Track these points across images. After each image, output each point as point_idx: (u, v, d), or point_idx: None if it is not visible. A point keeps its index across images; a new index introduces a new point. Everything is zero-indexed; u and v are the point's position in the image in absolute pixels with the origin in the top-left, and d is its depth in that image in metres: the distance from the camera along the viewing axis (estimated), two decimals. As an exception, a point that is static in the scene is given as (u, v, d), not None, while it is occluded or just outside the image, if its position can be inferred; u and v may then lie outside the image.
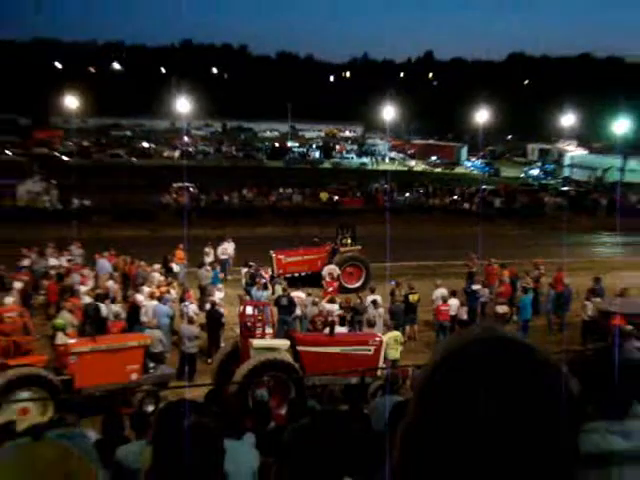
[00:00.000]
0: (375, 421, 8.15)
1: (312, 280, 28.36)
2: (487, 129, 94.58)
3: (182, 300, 22.95)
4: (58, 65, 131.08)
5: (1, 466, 2.00)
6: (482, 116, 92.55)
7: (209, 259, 29.60)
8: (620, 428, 2.86)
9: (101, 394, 15.31)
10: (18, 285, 24.41)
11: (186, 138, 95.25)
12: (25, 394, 15.71)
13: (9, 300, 21.51)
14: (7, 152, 74.34)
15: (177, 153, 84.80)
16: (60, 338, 18.13)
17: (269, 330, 18.62)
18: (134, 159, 77.90)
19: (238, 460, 4.54)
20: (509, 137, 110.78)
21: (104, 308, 21.62)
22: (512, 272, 27.43)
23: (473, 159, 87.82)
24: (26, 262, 27.63)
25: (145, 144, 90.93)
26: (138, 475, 5.19)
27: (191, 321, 20.64)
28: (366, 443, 6.56)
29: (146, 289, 23.77)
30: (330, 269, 28.01)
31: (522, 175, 76.12)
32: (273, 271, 28.66)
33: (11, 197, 45.53)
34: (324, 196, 53.43)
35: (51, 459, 1.99)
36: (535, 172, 76.26)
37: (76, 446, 2.09)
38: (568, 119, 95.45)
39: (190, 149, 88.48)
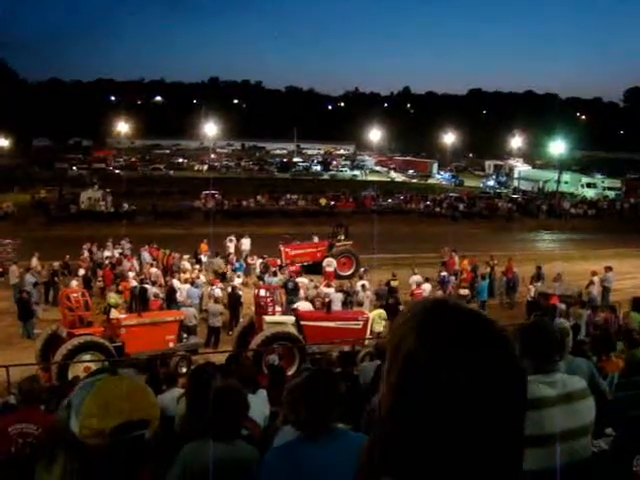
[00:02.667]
0: (363, 380, 8.24)
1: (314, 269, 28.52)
2: (453, 148, 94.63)
3: (211, 284, 23.03)
4: (113, 98, 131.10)
5: (87, 393, 2.04)
6: (449, 138, 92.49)
7: (231, 251, 29.74)
8: (547, 380, 2.95)
9: (145, 358, 15.37)
10: (81, 271, 24.55)
11: (212, 155, 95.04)
12: (87, 357, 15.83)
13: (74, 283, 21.61)
14: (74, 167, 74.37)
15: (205, 167, 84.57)
16: (113, 313, 18.22)
17: (278, 309, 18.68)
18: (171, 172, 77.71)
19: (254, 409, 4.60)
20: (470, 155, 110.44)
21: (148, 290, 21.72)
22: (472, 262, 27.47)
23: (442, 172, 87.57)
24: (86, 254, 27.75)
25: (180, 160, 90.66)
26: (174, 420, 5.28)
27: (217, 301, 20.72)
28: (354, 397, 6.67)
29: (182, 275, 23.93)
30: (328, 262, 28.09)
31: (481, 185, 75.98)
32: (281, 261, 28.73)
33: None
34: (323, 201, 53.33)
35: (125, 389, 2.04)
36: (491, 183, 76.08)
37: (138, 380, 2.14)
38: (516, 141, 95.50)
39: (216, 164, 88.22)
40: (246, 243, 31.16)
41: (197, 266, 26.22)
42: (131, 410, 1.98)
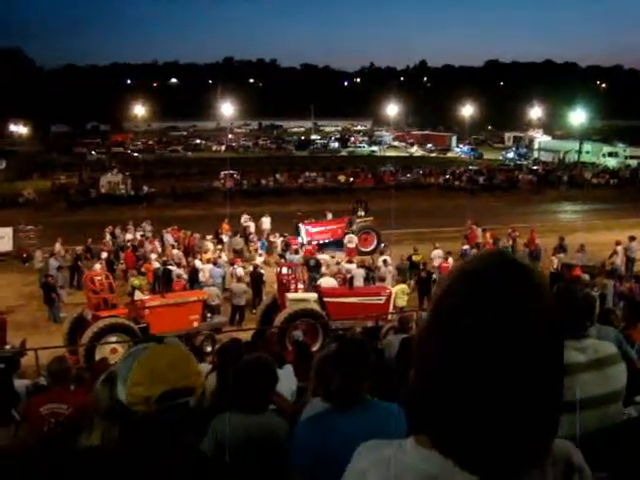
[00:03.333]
0: (388, 354, 8.24)
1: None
2: (472, 121, 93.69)
3: (232, 264, 23.13)
4: (128, 82, 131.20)
5: (134, 362, 2.09)
6: (467, 111, 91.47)
7: (251, 230, 29.83)
8: (578, 345, 2.94)
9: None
10: (104, 254, 24.74)
11: (230, 135, 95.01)
12: (113, 338, 16.02)
13: (97, 266, 21.80)
14: (92, 152, 74.73)
15: (223, 147, 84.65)
16: (137, 295, 18.38)
17: (301, 286, 18.73)
18: (189, 153, 77.84)
19: (281, 383, 4.63)
20: (489, 127, 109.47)
21: (171, 271, 21.87)
22: (494, 235, 27.34)
23: (461, 145, 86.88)
24: (108, 237, 27.93)
25: (197, 141, 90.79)
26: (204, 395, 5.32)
27: (240, 280, 20.83)
28: (381, 370, 6.68)
29: (204, 255, 24.06)
30: (349, 238, 28.07)
31: (500, 157, 75.26)
32: (303, 239, 28.78)
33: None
34: (342, 178, 53.13)
35: (170, 357, 2.08)
36: (511, 155, 75.32)
37: (184, 348, 2.19)
38: (536, 112, 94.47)
39: (233, 144, 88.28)
40: (266, 222, 31.22)
41: (219, 246, 26.38)
42: (176, 378, 2.03)
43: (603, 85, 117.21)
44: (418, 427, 1.12)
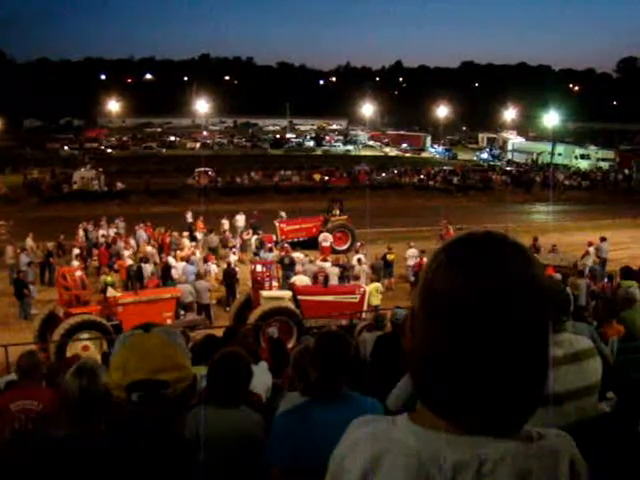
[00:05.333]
0: (363, 351, 8.26)
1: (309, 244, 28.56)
2: (446, 122, 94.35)
3: (205, 261, 23.06)
4: (103, 77, 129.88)
5: (120, 347, 2.08)
6: (442, 111, 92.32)
7: (225, 228, 29.74)
8: (555, 339, 2.96)
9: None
10: (76, 251, 24.50)
11: (205, 132, 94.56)
12: (85, 335, 15.85)
13: (75, 263, 21.66)
14: (66, 147, 73.94)
15: (198, 144, 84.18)
16: (110, 292, 18.23)
17: (275, 284, 18.72)
18: (164, 150, 77.31)
19: (256, 380, 4.60)
20: (464, 128, 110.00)
21: (143, 268, 21.74)
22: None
23: (436, 146, 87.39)
24: (81, 233, 27.68)
25: (172, 138, 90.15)
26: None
27: (200, 277, 20.79)
28: (356, 367, 6.68)
29: (179, 253, 23.95)
30: (324, 237, 28.09)
31: (475, 158, 75.83)
32: (277, 237, 28.78)
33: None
34: (317, 177, 53.14)
35: (151, 347, 2.06)
36: (485, 155, 75.91)
37: (173, 338, 2.17)
38: (510, 113, 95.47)
39: (208, 141, 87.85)
40: (240, 220, 31.19)
41: (193, 243, 26.29)
42: (150, 369, 2.01)
43: (576, 88, 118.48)
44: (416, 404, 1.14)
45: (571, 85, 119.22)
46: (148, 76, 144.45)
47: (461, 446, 1.03)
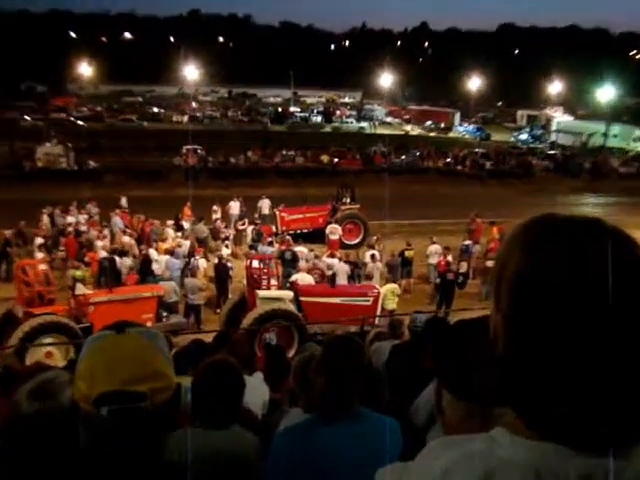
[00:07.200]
0: (376, 362, 8.23)
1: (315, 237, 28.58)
2: (479, 96, 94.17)
3: (192, 254, 23.08)
4: (73, 35, 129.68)
5: (88, 351, 2.04)
6: (474, 83, 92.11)
7: (217, 216, 29.74)
8: None
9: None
10: (38, 240, 24.49)
11: (194, 104, 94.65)
12: (49, 339, 15.87)
13: (38, 255, 21.67)
14: (27, 117, 73.87)
15: (186, 118, 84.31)
16: (79, 289, 18.27)
17: (274, 282, 18.73)
18: (145, 123, 77.50)
19: (250, 394, 4.57)
20: (499, 103, 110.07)
21: (119, 261, 21.76)
22: (501, 230, 27.45)
23: (465, 124, 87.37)
24: (45, 219, 27.69)
25: (155, 109, 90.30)
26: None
27: (194, 274, 20.77)
28: (368, 381, 6.66)
29: (161, 245, 23.97)
30: (332, 228, 28.07)
31: (512, 139, 75.75)
32: (277, 228, 28.82)
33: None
34: (325, 158, 53.25)
35: (126, 352, 2.01)
36: (524, 136, 75.85)
37: (153, 341, 2.12)
38: (555, 87, 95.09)
39: (198, 114, 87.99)
40: (234, 207, 31.19)
41: (178, 233, 26.32)
42: (124, 379, 1.96)
43: (638, 56, 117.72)
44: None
45: (632, 53, 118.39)
46: (127, 35, 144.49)
47: (582, 459, 1.03)
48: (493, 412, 1.72)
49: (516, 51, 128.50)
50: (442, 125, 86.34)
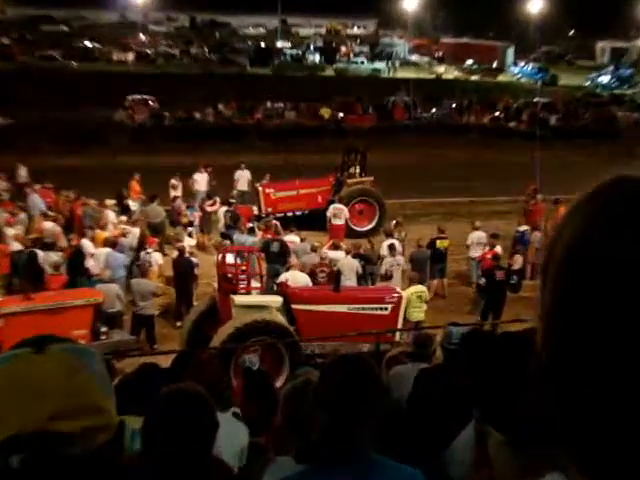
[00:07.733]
0: (397, 393, 8.29)
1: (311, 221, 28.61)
2: (541, 24, 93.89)
3: (143, 246, 23.07)
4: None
5: None
6: (534, 6, 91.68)
7: (177, 193, 29.72)
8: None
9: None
10: None
11: (142, 36, 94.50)
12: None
13: None
14: None
15: (131, 56, 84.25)
16: (-15, 295, 18.32)
17: (256, 284, 18.75)
18: (74, 63, 77.44)
19: (223, 436, 4.62)
20: (571, 33, 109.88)
21: (40, 257, 21.70)
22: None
23: (522, 63, 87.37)
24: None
25: (88, 43, 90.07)
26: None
27: (145, 274, 20.73)
28: (386, 418, 6.72)
29: (98, 233, 23.88)
30: (336, 210, 27.96)
31: (588, 83, 75.81)
32: (260, 209, 28.82)
33: None
34: (326, 112, 53.28)
35: (56, 373, 1.96)
36: (606, 79, 75.87)
37: (87, 363, 2.04)
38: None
39: (148, 51, 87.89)
40: (201, 180, 31.15)
41: (123, 218, 26.26)
42: (44, 416, 1.89)
43: None
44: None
45: None
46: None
47: None
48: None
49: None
50: (489, 65, 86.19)
